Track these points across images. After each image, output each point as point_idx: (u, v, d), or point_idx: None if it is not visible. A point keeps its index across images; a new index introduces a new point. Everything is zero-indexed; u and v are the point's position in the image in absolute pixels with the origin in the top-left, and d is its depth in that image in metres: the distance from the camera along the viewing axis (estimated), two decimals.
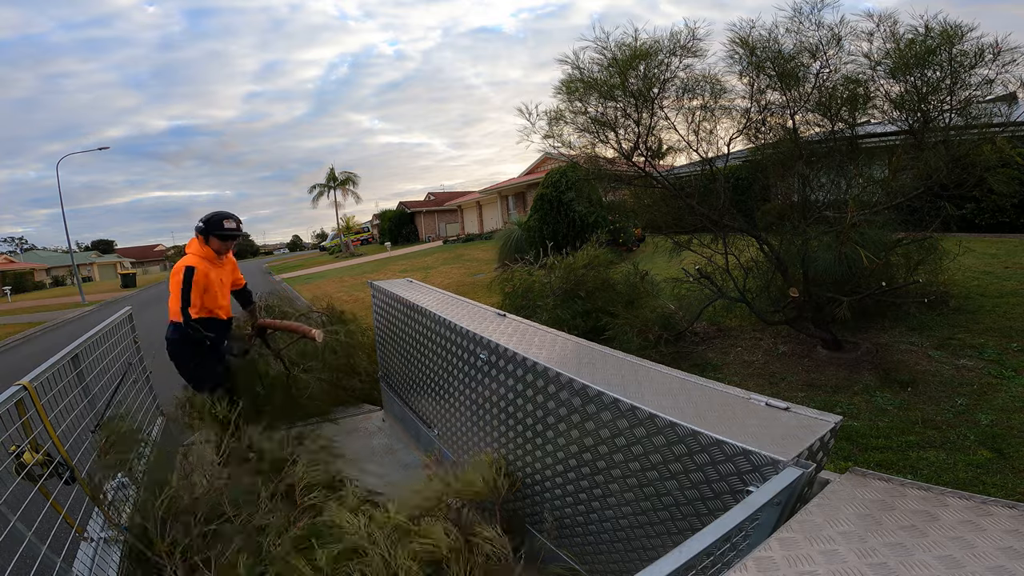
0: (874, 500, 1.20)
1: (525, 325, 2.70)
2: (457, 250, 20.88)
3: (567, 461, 2.09)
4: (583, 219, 11.53)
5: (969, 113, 3.72)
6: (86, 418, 2.55)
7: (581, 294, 5.59)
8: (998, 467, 2.97)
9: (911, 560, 0.97)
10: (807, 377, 4.42)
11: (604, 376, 1.93)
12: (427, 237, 34.47)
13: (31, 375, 2.17)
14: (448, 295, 3.55)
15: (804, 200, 4.62)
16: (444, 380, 3.01)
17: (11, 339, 13.11)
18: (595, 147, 4.91)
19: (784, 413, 1.54)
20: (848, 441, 3.41)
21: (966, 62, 3.57)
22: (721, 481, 1.46)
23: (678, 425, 1.55)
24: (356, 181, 36.94)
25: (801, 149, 4.34)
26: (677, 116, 4.55)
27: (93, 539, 2.09)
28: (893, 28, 3.81)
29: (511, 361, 2.31)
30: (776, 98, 4.33)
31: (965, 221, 7.76)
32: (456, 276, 13.97)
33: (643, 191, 5.19)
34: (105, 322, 3.34)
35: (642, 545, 1.84)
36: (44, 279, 46.40)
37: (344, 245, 36.60)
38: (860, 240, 3.87)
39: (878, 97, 4.06)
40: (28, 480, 1.85)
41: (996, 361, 4.12)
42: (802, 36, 4.06)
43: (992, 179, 3.67)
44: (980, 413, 3.52)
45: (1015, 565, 0.93)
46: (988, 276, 5.93)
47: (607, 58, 4.37)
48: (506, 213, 24.83)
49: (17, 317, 18.57)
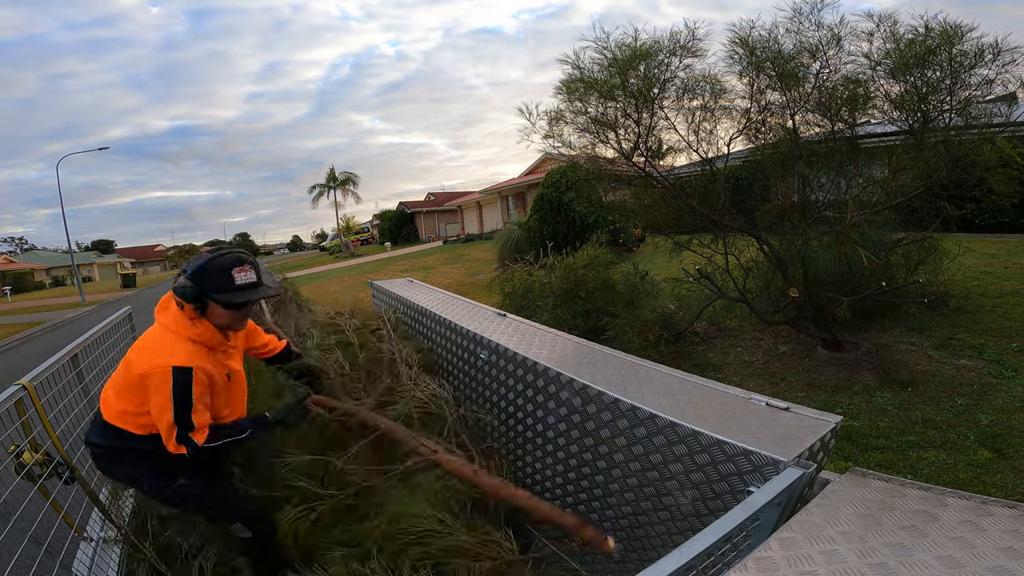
0: (874, 500, 1.20)
1: (525, 325, 2.70)
2: (457, 250, 20.88)
3: (567, 461, 2.09)
4: (583, 219, 11.53)
5: (969, 113, 3.73)
6: (86, 418, 2.54)
7: (581, 294, 5.59)
8: (998, 467, 2.97)
9: (911, 560, 0.97)
10: (807, 377, 4.42)
11: (604, 376, 1.93)
12: (427, 237, 34.46)
13: (30, 375, 2.16)
14: (448, 295, 3.54)
15: (804, 200, 4.62)
16: (443, 380, 3.01)
17: (11, 339, 13.11)
18: (595, 147, 4.91)
19: (784, 413, 1.54)
20: (848, 441, 3.41)
21: (966, 62, 3.57)
22: (722, 481, 1.46)
23: (679, 425, 1.55)
24: (356, 181, 37.02)
25: (801, 149, 4.34)
26: (677, 116, 4.56)
27: (93, 539, 2.09)
28: (893, 28, 3.82)
29: (511, 361, 2.31)
30: (776, 98, 4.34)
31: (965, 221, 7.75)
32: (456, 276, 13.97)
33: (643, 191, 5.19)
34: (104, 322, 3.34)
35: (642, 545, 1.84)
36: (44, 279, 46.40)
37: (344, 245, 36.60)
38: (860, 240, 3.87)
39: (878, 97, 4.07)
40: (27, 480, 1.85)
41: (996, 361, 4.12)
42: (802, 36, 4.07)
43: (992, 179, 3.67)
44: (980, 413, 3.52)
45: (1015, 565, 0.93)
46: (988, 276, 5.93)
47: (607, 58, 4.37)
48: (506, 213, 24.83)
49: (17, 317, 18.57)
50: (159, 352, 1.72)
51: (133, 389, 1.74)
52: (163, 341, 1.75)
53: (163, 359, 1.69)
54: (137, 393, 1.74)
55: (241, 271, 1.78)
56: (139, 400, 1.74)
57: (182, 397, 1.68)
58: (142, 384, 1.70)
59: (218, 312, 1.78)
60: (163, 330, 1.78)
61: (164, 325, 1.79)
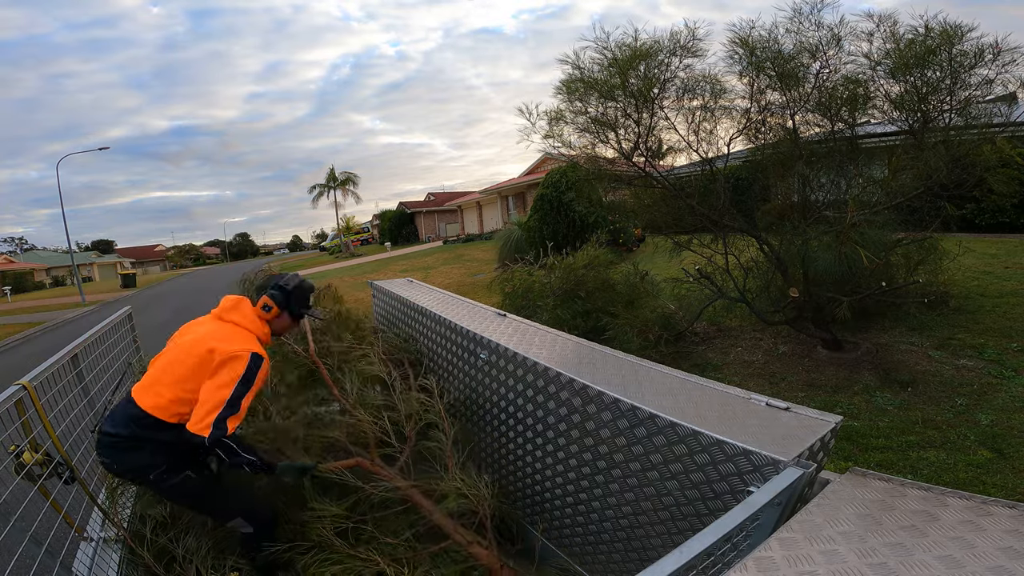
0: (874, 500, 1.20)
1: (525, 325, 2.70)
2: (457, 250, 20.88)
3: (567, 461, 2.09)
4: (583, 219, 11.53)
5: (969, 113, 3.73)
6: (85, 418, 2.55)
7: (581, 294, 5.58)
8: (998, 467, 2.97)
9: (911, 560, 0.97)
10: (807, 377, 4.42)
11: (604, 376, 1.93)
12: (427, 237, 34.46)
13: (30, 375, 2.17)
14: (448, 295, 3.54)
15: (804, 200, 4.62)
16: (444, 380, 3.01)
17: (11, 339, 13.11)
18: (595, 147, 4.91)
19: (784, 413, 1.54)
20: (848, 441, 3.41)
21: (966, 62, 3.57)
22: (722, 481, 1.47)
23: (679, 425, 1.55)
24: (356, 181, 37.00)
25: (801, 149, 4.34)
26: (677, 116, 4.56)
27: (93, 539, 2.09)
28: (893, 28, 3.82)
29: (511, 361, 2.31)
30: (776, 98, 4.33)
31: (965, 221, 7.76)
32: (456, 276, 13.97)
33: (643, 191, 5.19)
34: (104, 322, 3.34)
35: (642, 545, 1.84)
36: (44, 279, 46.38)
37: (344, 245, 36.60)
38: (860, 240, 3.86)
39: (878, 97, 4.07)
40: (27, 480, 1.85)
41: (996, 361, 4.12)
42: (802, 36, 4.07)
43: (992, 179, 3.67)
44: (980, 413, 3.52)
45: (1015, 565, 0.93)
46: (988, 276, 5.93)
47: (607, 58, 4.37)
48: (506, 213, 24.83)
49: (17, 317, 18.57)
50: (242, 341, 2.00)
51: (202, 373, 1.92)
52: (242, 334, 2.05)
53: (247, 346, 1.97)
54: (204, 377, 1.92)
55: (314, 295, 2.33)
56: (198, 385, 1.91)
57: (247, 379, 1.91)
58: (222, 365, 1.91)
59: (284, 320, 2.22)
60: (237, 327, 2.08)
61: (237, 323, 2.09)
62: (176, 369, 1.94)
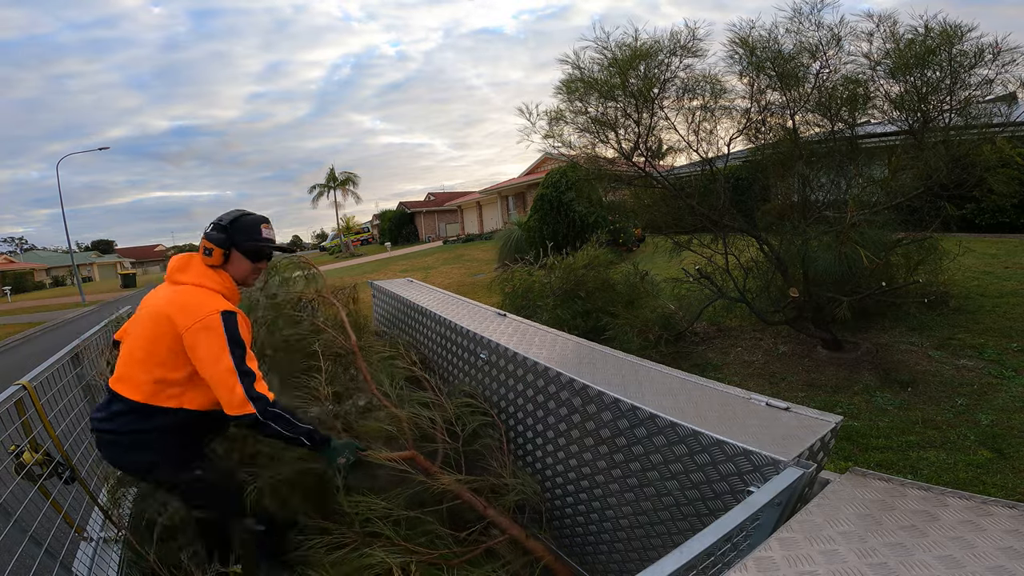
0: (874, 500, 1.20)
1: (525, 325, 2.70)
2: (457, 250, 20.88)
3: (567, 461, 2.09)
4: (583, 219, 11.53)
5: (969, 113, 3.73)
6: (86, 418, 2.55)
7: (581, 294, 5.59)
8: (998, 467, 2.97)
9: (911, 560, 0.97)
10: (807, 377, 4.42)
11: (604, 376, 1.93)
12: (427, 237, 34.45)
13: (31, 375, 2.17)
14: (448, 295, 3.54)
15: (804, 200, 4.62)
16: (444, 380, 3.01)
17: (11, 339, 13.11)
18: (595, 147, 4.91)
19: (784, 413, 1.54)
20: (848, 441, 3.41)
21: (966, 62, 3.57)
22: (722, 481, 1.46)
23: (679, 425, 1.55)
24: (356, 181, 36.98)
25: (801, 149, 4.34)
26: (677, 116, 4.56)
27: (93, 539, 2.09)
28: (893, 28, 3.82)
29: (511, 361, 2.31)
30: (776, 98, 4.34)
31: (965, 221, 7.76)
32: (456, 276, 13.97)
33: (643, 191, 5.19)
34: (105, 322, 3.34)
35: (643, 545, 1.84)
36: (44, 279, 46.39)
37: (344, 245, 36.60)
38: (860, 240, 3.86)
39: (878, 97, 4.07)
40: (27, 480, 1.85)
41: (996, 361, 4.12)
42: (802, 36, 4.07)
43: (992, 179, 3.67)
44: (980, 413, 3.52)
45: (1015, 565, 0.93)
46: (988, 276, 5.93)
47: (607, 58, 4.37)
48: (506, 213, 24.83)
49: (17, 317, 18.57)
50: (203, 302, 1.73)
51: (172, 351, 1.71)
52: (198, 294, 1.77)
53: (210, 306, 1.71)
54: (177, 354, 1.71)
55: (266, 227, 1.96)
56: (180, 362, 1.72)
57: (233, 340, 1.69)
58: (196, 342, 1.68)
59: (239, 264, 1.90)
60: (191, 287, 1.80)
61: (190, 282, 1.81)
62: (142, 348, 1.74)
